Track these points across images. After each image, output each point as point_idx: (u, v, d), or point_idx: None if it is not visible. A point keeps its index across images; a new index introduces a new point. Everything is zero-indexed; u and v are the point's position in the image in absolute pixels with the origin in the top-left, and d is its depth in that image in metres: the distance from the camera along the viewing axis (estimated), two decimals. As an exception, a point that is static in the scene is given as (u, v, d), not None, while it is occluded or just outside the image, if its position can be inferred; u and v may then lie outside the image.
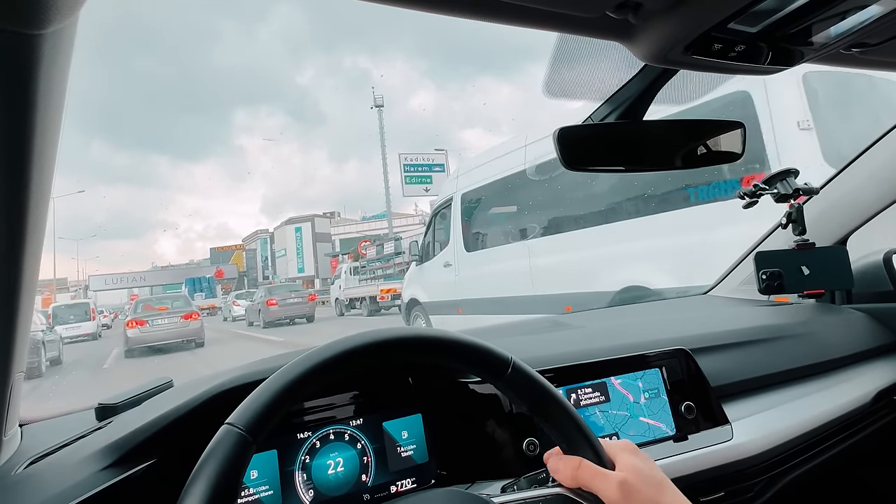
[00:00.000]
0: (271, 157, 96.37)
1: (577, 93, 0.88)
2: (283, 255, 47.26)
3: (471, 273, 6.71)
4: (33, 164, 0.48)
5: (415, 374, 0.89)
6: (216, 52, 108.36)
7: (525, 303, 5.70)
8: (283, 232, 49.34)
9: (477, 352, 0.63)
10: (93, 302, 20.19)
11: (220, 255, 53.97)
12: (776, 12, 0.52)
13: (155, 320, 12.02)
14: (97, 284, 40.37)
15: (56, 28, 0.38)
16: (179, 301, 14.20)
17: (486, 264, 6.48)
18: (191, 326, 12.37)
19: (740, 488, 0.96)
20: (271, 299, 16.75)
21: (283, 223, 50.19)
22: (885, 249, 1.46)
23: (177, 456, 0.69)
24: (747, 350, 1.14)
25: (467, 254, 6.82)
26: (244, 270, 51.89)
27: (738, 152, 0.95)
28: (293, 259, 46.61)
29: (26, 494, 0.67)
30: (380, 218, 41.28)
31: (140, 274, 45.76)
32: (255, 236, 56.57)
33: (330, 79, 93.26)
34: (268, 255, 52.15)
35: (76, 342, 15.49)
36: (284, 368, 0.56)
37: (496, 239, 6.63)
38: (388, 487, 0.83)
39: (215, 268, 47.83)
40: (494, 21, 0.52)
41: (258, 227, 57.71)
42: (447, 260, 7.15)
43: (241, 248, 55.47)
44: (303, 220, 48.83)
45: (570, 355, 0.96)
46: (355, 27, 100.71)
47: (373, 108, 28.59)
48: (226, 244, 58.46)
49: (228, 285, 44.39)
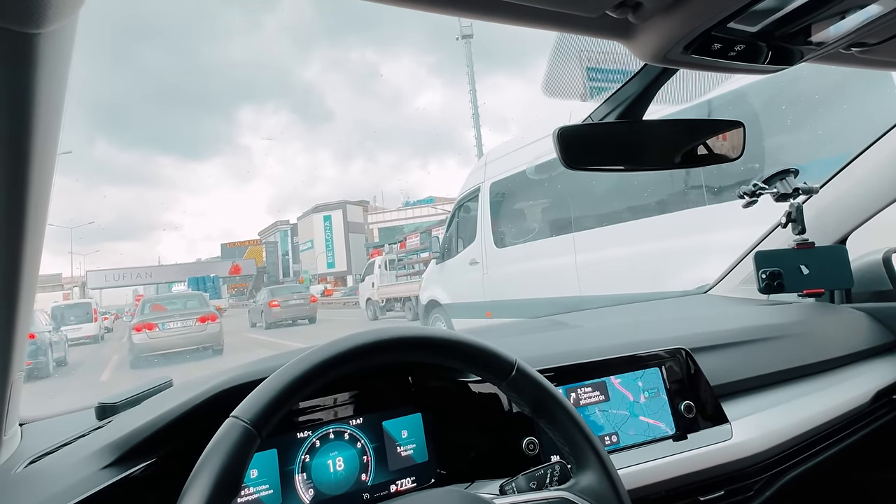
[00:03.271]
0: (276, 156, 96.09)
1: (577, 92, 0.88)
2: (310, 248, 41.91)
3: (502, 271, 5.95)
4: (33, 163, 0.47)
5: (414, 373, 0.89)
6: (221, 46, 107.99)
7: (571, 306, 4.73)
8: (310, 222, 43.24)
9: (482, 353, 0.63)
10: (94, 302, 18.44)
11: (231, 251, 48.39)
12: (776, 11, 0.52)
13: (166, 323, 10.01)
14: (96, 281, 34.72)
15: (56, 27, 0.38)
16: (193, 300, 11.90)
17: (521, 261, 5.70)
18: (208, 331, 10.22)
19: (739, 487, 0.96)
20: (273, 301, 16.41)
21: (309, 211, 44.30)
22: (884, 249, 1.46)
23: (176, 455, 0.70)
24: (747, 349, 1.14)
25: (497, 250, 6.05)
26: (263, 266, 46.08)
27: (738, 151, 0.95)
28: (322, 252, 41.33)
29: (26, 493, 0.67)
30: (425, 203, 37.50)
31: (145, 270, 39.39)
32: (274, 228, 50.79)
33: (336, 74, 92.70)
34: (289, 249, 46.98)
35: (76, 345, 13.60)
36: (290, 364, 0.56)
37: (533, 232, 5.81)
38: (387, 486, 0.83)
39: (230, 263, 42.47)
40: (495, 20, 0.52)
41: (278, 219, 52.40)
42: (473, 257, 6.37)
43: (256, 243, 49.77)
44: (332, 208, 42.54)
45: (570, 355, 0.96)
46: (363, 20, 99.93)
47: (459, 39, 24.29)
48: (236, 240, 54.03)
49: (244, 283, 40.32)
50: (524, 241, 5.86)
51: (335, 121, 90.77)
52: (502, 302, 5.83)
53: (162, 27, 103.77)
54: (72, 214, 58.68)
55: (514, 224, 6.12)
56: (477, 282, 6.26)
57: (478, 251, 6.31)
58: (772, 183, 1.48)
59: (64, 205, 46.05)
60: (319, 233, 41.63)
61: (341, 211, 42.08)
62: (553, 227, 5.56)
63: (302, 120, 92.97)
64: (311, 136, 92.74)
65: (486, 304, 6.09)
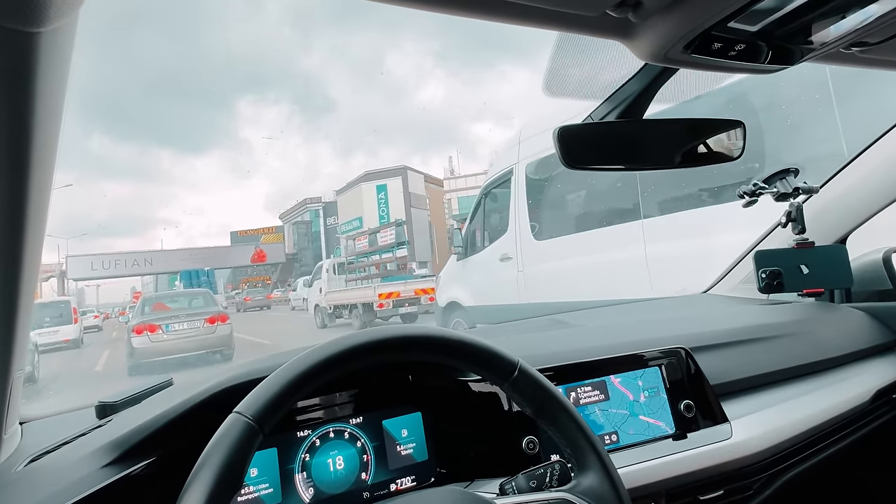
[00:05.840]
0: (276, 150, 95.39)
1: (577, 92, 0.88)
2: (357, 229, 25.06)
3: (543, 268, 4.99)
4: (33, 162, 0.47)
5: (414, 372, 0.90)
6: (220, 32, 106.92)
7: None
8: (357, 194, 31.63)
9: (484, 353, 0.63)
10: (75, 300, 15.33)
11: (243, 240, 39.21)
12: (776, 11, 0.52)
13: (171, 325, 8.79)
14: (80, 269, 26.51)
15: (56, 26, 0.38)
16: (199, 299, 10.54)
17: (569, 256, 4.72)
18: (218, 333, 9.00)
19: (739, 486, 0.96)
20: (247, 296, 15.88)
21: (355, 181, 33.14)
22: (884, 249, 1.46)
23: (177, 454, 0.70)
24: (746, 348, 1.14)
25: (537, 242, 5.10)
26: (294, 253, 37.41)
27: (738, 151, 0.95)
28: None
29: (26, 492, 0.67)
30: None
31: (143, 255, 29.44)
32: (302, 208, 40.24)
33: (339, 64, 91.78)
34: (321, 231, 37.15)
35: (52, 350, 11.82)
36: (293, 362, 0.56)
37: (586, 221, 4.76)
38: (387, 485, 0.83)
39: (252, 249, 34.06)
40: (495, 20, 0.52)
41: (308, 196, 40.50)
42: (505, 252, 5.40)
43: (270, 231, 39.95)
44: (388, 175, 31.22)
45: (570, 354, 0.96)
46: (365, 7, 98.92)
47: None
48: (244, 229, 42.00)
49: (264, 277, 33.67)
50: (573, 231, 4.83)
51: (337, 111, 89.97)
52: (545, 305, 4.68)
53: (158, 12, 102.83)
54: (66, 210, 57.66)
55: (559, 211, 5.07)
56: (510, 281, 5.28)
57: (511, 245, 5.32)
58: (772, 182, 1.48)
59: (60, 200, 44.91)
60: (371, 207, 30.34)
61: (400, 179, 31.00)
62: (613, 213, 4.51)
63: (303, 111, 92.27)
64: (311, 127, 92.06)
65: (521, 307, 5.10)
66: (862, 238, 1.48)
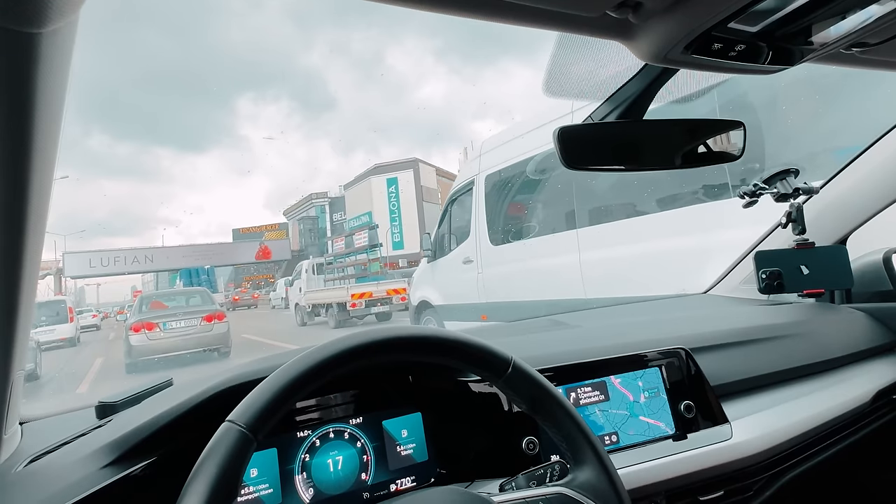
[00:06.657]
0: (276, 148, 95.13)
1: (577, 92, 0.88)
2: (366, 224, 23.73)
3: (498, 271, 5.54)
4: (33, 162, 0.48)
5: (414, 372, 0.90)
6: (221, 28, 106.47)
7: (574, 309, 3.23)
8: (366, 188, 30.94)
9: (478, 351, 0.63)
10: (72, 299, 15.48)
11: (245, 237, 39.01)
12: (776, 12, 0.52)
13: (168, 323, 8.86)
14: (77, 267, 25.76)
15: (57, 27, 0.38)
16: (196, 297, 10.67)
17: (519, 260, 5.29)
18: (215, 330, 9.06)
19: (739, 487, 0.96)
20: (235, 296, 15.91)
21: (364, 174, 32.26)
22: (884, 249, 1.46)
23: (176, 454, 0.70)
24: (747, 349, 1.14)
25: (493, 247, 5.63)
26: (301, 249, 35.55)
27: (739, 151, 0.95)
28: (386, 229, 28.01)
29: (26, 492, 0.67)
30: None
31: (143, 252, 28.66)
32: (307, 203, 39.14)
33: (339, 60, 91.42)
34: (327, 227, 35.87)
35: (49, 349, 11.65)
36: (286, 366, 0.56)
37: (532, 229, 5.37)
38: (387, 486, 0.83)
39: (257, 245, 33.26)
40: (495, 20, 0.52)
41: (313, 192, 39.44)
42: (467, 255, 5.94)
43: (273, 228, 39.86)
44: (399, 168, 30.44)
45: (570, 354, 0.96)
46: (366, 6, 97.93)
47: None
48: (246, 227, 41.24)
49: (267, 276, 32.81)
50: (522, 238, 5.42)
51: (337, 109, 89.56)
52: (498, 304, 5.45)
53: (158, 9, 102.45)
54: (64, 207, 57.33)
55: (512, 219, 5.65)
56: (471, 282, 5.83)
57: (472, 249, 5.90)
58: (772, 183, 1.48)
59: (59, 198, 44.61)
60: (381, 202, 29.56)
61: (412, 172, 30.00)
62: (555, 222, 5.08)
63: (303, 108, 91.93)
64: (311, 124, 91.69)
65: (481, 306, 5.68)
66: (862, 238, 1.48)
